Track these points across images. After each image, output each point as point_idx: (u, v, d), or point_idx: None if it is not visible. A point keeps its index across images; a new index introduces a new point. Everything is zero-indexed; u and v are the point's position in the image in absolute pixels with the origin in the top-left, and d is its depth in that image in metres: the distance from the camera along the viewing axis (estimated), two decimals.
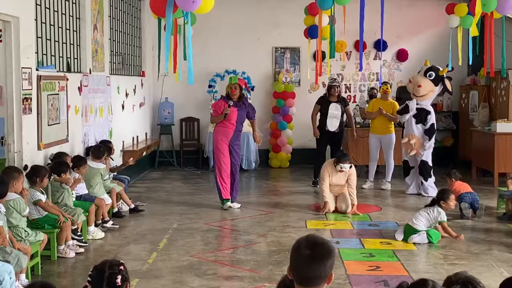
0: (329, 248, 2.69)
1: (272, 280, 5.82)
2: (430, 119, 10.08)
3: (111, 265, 2.91)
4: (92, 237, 7.38)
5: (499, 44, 8.47)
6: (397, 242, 7.32)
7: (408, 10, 13.80)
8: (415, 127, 10.09)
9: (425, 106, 10.14)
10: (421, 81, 10.01)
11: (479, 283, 3.00)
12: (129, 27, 11.83)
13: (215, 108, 9.19)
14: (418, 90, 10.00)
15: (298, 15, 11.00)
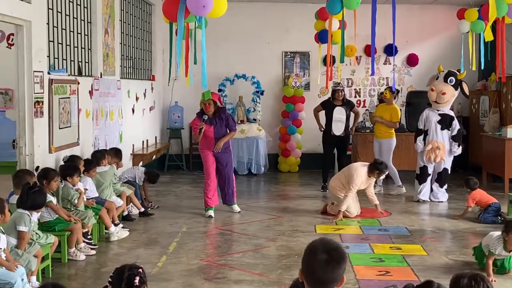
0: (343, 252, 2.74)
1: (281, 284, 5.82)
2: (455, 125, 10.05)
3: (131, 267, 3.15)
4: (118, 238, 7.46)
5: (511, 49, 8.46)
6: (406, 246, 7.31)
7: (419, 14, 13.79)
8: (440, 133, 10.03)
9: (448, 112, 10.11)
10: (444, 88, 9.95)
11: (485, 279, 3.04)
12: (139, 31, 11.89)
13: (194, 126, 8.97)
14: (442, 98, 9.94)
15: (308, 19, 11.03)
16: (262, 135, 13.16)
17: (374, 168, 8.80)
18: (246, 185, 12.02)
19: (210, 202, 9.01)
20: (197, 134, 8.88)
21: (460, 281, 3.15)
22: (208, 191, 9.00)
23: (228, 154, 9.17)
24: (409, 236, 7.92)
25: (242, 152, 12.83)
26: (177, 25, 6.29)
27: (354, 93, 14.08)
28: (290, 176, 13.24)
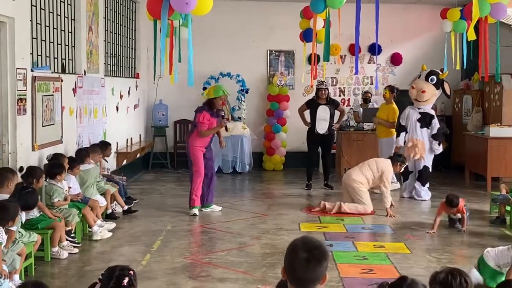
0: (325, 250, 2.73)
1: (266, 282, 5.83)
2: (435, 123, 10.18)
3: (123, 268, 3.17)
4: (101, 237, 7.41)
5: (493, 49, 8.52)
6: (390, 244, 7.35)
7: (403, 14, 13.86)
8: (420, 131, 10.14)
9: (428, 110, 10.23)
10: (425, 86, 10.09)
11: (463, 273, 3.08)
12: (124, 29, 11.84)
13: (205, 121, 8.79)
14: (422, 96, 10.07)
15: (293, 18, 11.05)
16: (247, 133, 13.17)
17: (396, 160, 9.16)
18: (231, 184, 12.01)
19: (198, 201, 8.97)
20: (213, 128, 8.82)
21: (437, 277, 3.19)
22: (198, 190, 8.93)
23: (212, 152, 9.23)
24: (392, 234, 7.97)
25: (227, 151, 12.81)
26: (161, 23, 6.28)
27: (338, 92, 14.12)
28: (275, 175, 13.26)
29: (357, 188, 9.07)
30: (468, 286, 3.15)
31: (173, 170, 13.30)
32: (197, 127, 8.84)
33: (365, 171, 9.14)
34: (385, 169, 9.04)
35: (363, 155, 12.07)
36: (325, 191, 11.10)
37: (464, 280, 3.16)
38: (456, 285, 3.14)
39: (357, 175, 9.13)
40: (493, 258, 5.39)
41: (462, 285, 3.14)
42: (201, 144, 8.91)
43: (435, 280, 3.19)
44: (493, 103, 12.40)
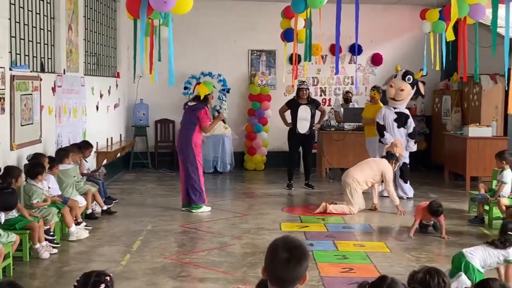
0: (305, 250, 2.73)
1: (246, 282, 5.82)
2: (410, 123, 10.31)
3: (99, 274, 3.09)
4: (77, 238, 7.34)
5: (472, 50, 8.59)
6: (370, 244, 7.39)
7: (383, 15, 13.93)
8: (397, 131, 10.23)
9: (404, 110, 10.35)
10: (403, 85, 10.21)
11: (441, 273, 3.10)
12: (104, 28, 11.77)
13: (209, 116, 9.09)
14: (401, 94, 10.18)
15: (274, 18, 11.05)
16: (228, 133, 13.16)
17: (391, 159, 9.33)
18: (212, 183, 11.98)
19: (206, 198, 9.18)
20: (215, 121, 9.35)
21: (415, 276, 3.21)
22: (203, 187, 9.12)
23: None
24: (372, 233, 8.02)
25: (208, 150, 12.79)
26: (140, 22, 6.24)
27: (319, 91, 14.16)
28: (256, 174, 13.26)
29: (352, 187, 9.13)
30: (446, 285, 3.17)
31: (154, 170, 13.25)
32: (201, 123, 8.98)
33: (365, 170, 9.25)
34: (386, 170, 9.18)
35: (344, 155, 12.18)
36: (306, 190, 11.13)
37: (442, 279, 3.18)
38: (434, 285, 3.16)
39: (357, 173, 9.22)
40: (479, 260, 5.36)
41: (440, 284, 3.16)
42: (200, 141, 9.18)
43: (413, 279, 3.21)
44: (472, 103, 12.51)
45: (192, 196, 9.08)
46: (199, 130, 9.05)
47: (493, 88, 11.93)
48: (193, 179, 9.05)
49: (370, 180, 9.22)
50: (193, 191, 9.06)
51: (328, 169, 12.53)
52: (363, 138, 11.48)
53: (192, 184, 9.06)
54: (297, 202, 10.27)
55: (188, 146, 9.04)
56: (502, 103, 11.75)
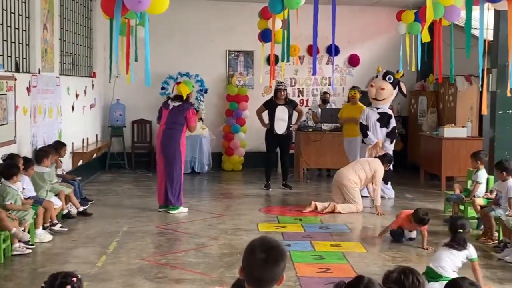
0: (282, 251, 2.73)
1: (223, 282, 5.81)
2: (392, 122, 10.37)
3: (66, 275, 3.05)
4: (40, 240, 7.23)
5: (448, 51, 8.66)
6: (346, 244, 7.41)
7: (360, 16, 14.00)
8: (380, 131, 10.29)
9: (387, 110, 10.42)
10: (383, 84, 10.30)
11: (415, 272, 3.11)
12: (80, 27, 11.67)
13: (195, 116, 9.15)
14: (381, 93, 10.26)
15: (252, 18, 11.04)
16: (206, 133, 13.13)
17: (385, 159, 9.39)
18: (189, 184, 11.93)
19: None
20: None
21: (389, 276, 3.22)
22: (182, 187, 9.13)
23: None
24: (349, 234, 8.05)
25: (186, 151, 12.71)
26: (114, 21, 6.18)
27: (297, 92, 14.19)
28: (234, 175, 13.25)
29: (350, 187, 9.22)
30: (420, 285, 3.19)
31: (131, 171, 13.17)
32: (188, 123, 9.00)
33: (358, 170, 9.30)
34: (378, 169, 9.24)
35: (321, 155, 12.23)
36: (283, 191, 11.14)
37: (417, 279, 3.20)
38: (409, 284, 3.17)
39: (352, 174, 9.27)
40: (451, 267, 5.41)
41: (415, 283, 3.18)
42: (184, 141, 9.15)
43: (388, 279, 3.23)
44: (448, 104, 12.63)
45: (170, 196, 9.04)
46: (185, 130, 9.09)
47: (468, 89, 12.07)
48: (175, 179, 9.04)
49: (363, 180, 9.31)
50: (172, 192, 9.04)
51: (306, 170, 12.56)
52: (340, 138, 11.54)
53: (172, 185, 9.03)
54: (275, 203, 10.28)
55: (174, 146, 9.01)
56: (477, 104, 11.88)
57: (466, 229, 5.58)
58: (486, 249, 7.33)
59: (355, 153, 11.03)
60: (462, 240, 5.49)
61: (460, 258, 5.46)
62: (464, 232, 5.52)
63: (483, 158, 8.59)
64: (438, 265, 5.37)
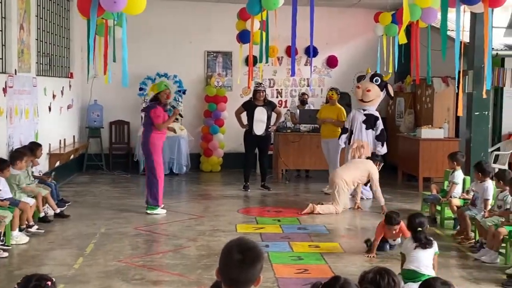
0: (259, 252, 2.73)
1: (201, 284, 5.80)
2: (379, 125, 10.39)
3: (40, 278, 3.01)
4: (16, 242, 7.15)
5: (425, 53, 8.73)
6: (324, 244, 7.43)
7: (338, 17, 14.07)
8: (365, 132, 10.31)
9: (373, 112, 10.43)
10: (370, 86, 10.32)
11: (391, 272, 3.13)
12: (57, 28, 11.57)
13: (160, 115, 9.00)
14: (367, 95, 10.29)
15: (231, 19, 11.02)
16: (184, 134, 13.08)
17: (375, 160, 9.51)
18: (168, 185, 11.83)
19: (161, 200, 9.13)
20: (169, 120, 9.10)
21: (365, 276, 3.24)
22: (161, 188, 9.08)
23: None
24: (327, 234, 8.07)
25: (164, 152, 12.65)
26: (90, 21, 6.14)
27: (276, 93, 14.21)
28: (212, 176, 13.22)
29: (340, 187, 9.25)
30: (396, 285, 3.21)
31: (108, 172, 13.08)
32: (153, 121, 8.97)
33: (353, 171, 9.39)
34: (372, 170, 9.34)
35: (300, 156, 12.25)
36: (262, 192, 11.14)
37: (392, 279, 3.22)
38: (384, 285, 3.19)
39: (346, 174, 9.35)
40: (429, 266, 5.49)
41: (390, 284, 3.20)
42: (160, 140, 9.12)
43: (364, 280, 3.24)
44: (425, 106, 12.73)
45: (148, 196, 9.08)
46: (154, 130, 9.03)
47: (445, 91, 12.18)
48: (150, 179, 9.06)
49: (357, 181, 9.38)
50: (149, 192, 9.08)
51: (284, 171, 12.58)
52: (319, 139, 11.57)
53: (149, 185, 9.08)
54: (253, 204, 10.29)
55: (146, 146, 9.08)
56: (453, 105, 12.00)
57: (425, 226, 5.72)
58: (462, 249, 7.40)
59: (334, 154, 11.07)
60: (426, 238, 5.61)
61: (431, 255, 5.57)
62: (423, 230, 5.65)
63: (459, 159, 8.67)
64: (418, 266, 5.41)
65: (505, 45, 12.13)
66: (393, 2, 11.07)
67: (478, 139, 9.94)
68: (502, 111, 12.66)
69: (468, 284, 6.07)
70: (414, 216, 5.88)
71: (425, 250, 5.52)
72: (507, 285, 5.99)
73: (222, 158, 13.70)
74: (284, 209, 9.57)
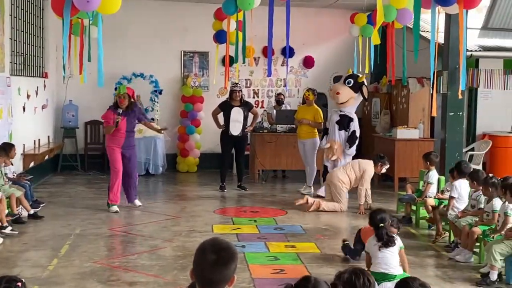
0: (233, 252, 2.73)
1: (177, 285, 5.78)
2: (352, 126, 10.37)
3: (9, 280, 2.99)
4: None
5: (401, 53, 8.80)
6: (301, 244, 7.45)
7: (315, 18, 14.10)
8: (337, 133, 10.34)
9: (348, 113, 10.42)
10: (340, 88, 10.30)
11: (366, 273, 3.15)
12: (31, 27, 11.43)
13: (106, 119, 9.24)
14: (337, 98, 10.31)
15: (207, 19, 11.01)
16: (160, 135, 13.00)
17: (378, 161, 9.51)
18: (144, 186, 11.82)
19: (115, 199, 9.23)
20: (110, 126, 9.10)
21: (341, 276, 3.25)
22: (114, 187, 9.20)
23: (134, 150, 9.52)
24: (303, 235, 8.08)
25: (140, 152, 12.62)
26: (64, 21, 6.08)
27: (252, 93, 14.21)
28: (189, 176, 13.18)
29: (338, 187, 9.41)
30: (371, 285, 3.23)
31: (84, 173, 12.97)
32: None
33: (349, 171, 9.50)
34: (367, 169, 9.44)
35: (277, 156, 12.26)
36: (238, 192, 11.14)
37: (367, 279, 3.23)
38: (360, 285, 3.20)
39: (342, 175, 9.48)
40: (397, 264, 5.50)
41: (366, 284, 3.21)
42: (114, 143, 9.24)
43: (339, 279, 3.25)
44: (400, 106, 12.82)
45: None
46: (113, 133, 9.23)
47: (420, 91, 12.27)
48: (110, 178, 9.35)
49: (353, 181, 9.50)
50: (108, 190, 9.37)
51: (261, 171, 12.58)
52: (295, 139, 11.58)
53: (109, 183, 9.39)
54: (230, 204, 10.27)
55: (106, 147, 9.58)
56: (428, 106, 12.09)
57: (386, 222, 5.69)
58: (437, 248, 7.47)
59: (310, 155, 11.09)
60: (387, 234, 5.57)
61: (396, 252, 5.55)
62: (385, 225, 5.62)
63: (433, 159, 8.74)
64: (388, 268, 5.43)
65: (480, 46, 12.28)
66: (369, 3, 11.13)
67: (452, 139, 10.03)
68: (476, 111, 12.81)
69: (443, 283, 6.12)
70: (375, 213, 5.86)
71: (389, 249, 5.48)
72: (481, 284, 6.06)
73: (198, 159, 13.67)
74: (260, 209, 9.57)
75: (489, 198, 6.80)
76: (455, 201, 7.55)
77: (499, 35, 12.80)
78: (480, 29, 12.81)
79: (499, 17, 12.62)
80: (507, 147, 12.11)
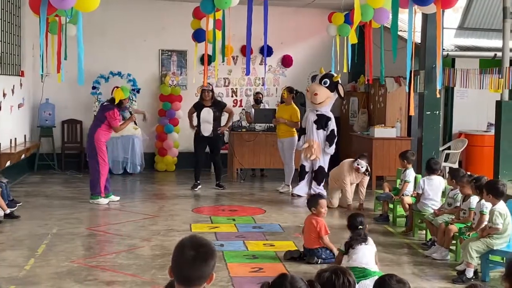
0: (212, 249, 2.74)
1: (155, 284, 5.76)
2: (330, 125, 10.40)
3: None
4: None
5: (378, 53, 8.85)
6: (279, 243, 7.46)
7: (293, 17, 14.13)
8: (315, 133, 10.36)
9: (325, 113, 10.46)
10: (317, 89, 10.31)
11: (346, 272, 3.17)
12: (7, 25, 11.31)
13: (117, 118, 9.70)
14: (315, 98, 10.32)
15: (185, 18, 10.97)
16: (138, 133, 12.96)
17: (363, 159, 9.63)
18: (121, 185, 11.77)
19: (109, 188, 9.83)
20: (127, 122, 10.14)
21: (321, 275, 3.26)
22: (104, 179, 9.61)
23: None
24: (282, 233, 8.10)
25: (117, 151, 12.57)
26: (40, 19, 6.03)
27: (231, 92, 14.20)
28: (167, 175, 13.14)
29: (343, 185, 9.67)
30: (351, 285, 3.24)
31: (61, 172, 12.87)
32: (110, 123, 9.62)
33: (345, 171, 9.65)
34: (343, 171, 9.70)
35: (255, 155, 12.28)
36: (216, 191, 11.13)
37: (347, 279, 3.24)
38: (339, 284, 3.21)
39: (344, 174, 9.66)
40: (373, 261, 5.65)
41: (345, 284, 3.22)
42: (106, 139, 9.73)
43: (319, 279, 3.26)
44: (378, 105, 12.91)
45: (91, 186, 9.61)
46: (105, 128, 9.64)
47: (397, 90, 12.35)
48: (92, 170, 9.67)
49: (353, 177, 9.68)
50: (92, 183, 9.61)
51: (240, 170, 12.58)
52: (274, 138, 11.61)
53: (92, 176, 9.65)
54: (208, 203, 10.26)
55: (90, 140, 9.73)
56: (405, 105, 12.17)
57: (364, 225, 5.97)
58: (414, 246, 7.53)
59: (288, 154, 11.12)
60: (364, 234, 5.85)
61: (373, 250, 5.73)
62: (363, 228, 5.90)
63: (410, 157, 8.82)
64: (368, 262, 5.50)
65: (456, 45, 12.40)
66: (346, 2, 11.17)
67: (429, 138, 10.12)
68: (453, 110, 12.94)
69: (420, 280, 6.18)
70: (354, 216, 6.08)
71: (366, 246, 5.67)
72: (457, 281, 6.13)
73: (176, 158, 13.63)
74: (239, 208, 9.58)
75: (466, 196, 6.87)
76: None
77: (475, 35, 12.94)
78: (456, 29, 12.95)
79: (475, 17, 12.76)
80: (483, 146, 12.25)
